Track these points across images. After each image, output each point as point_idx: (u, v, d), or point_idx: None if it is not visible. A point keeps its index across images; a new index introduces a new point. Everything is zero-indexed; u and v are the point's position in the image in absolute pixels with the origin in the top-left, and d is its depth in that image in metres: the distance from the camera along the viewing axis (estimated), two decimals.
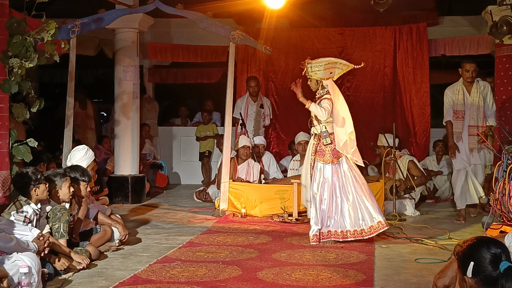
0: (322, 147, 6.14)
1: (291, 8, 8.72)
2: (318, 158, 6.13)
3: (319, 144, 6.15)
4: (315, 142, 6.20)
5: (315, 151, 6.16)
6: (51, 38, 6.00)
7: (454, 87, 7.47)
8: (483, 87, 7.34)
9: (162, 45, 11.11)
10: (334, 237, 5.99)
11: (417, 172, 8.42)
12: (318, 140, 6.17)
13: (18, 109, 6.01)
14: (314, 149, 6.18)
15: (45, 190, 4.90)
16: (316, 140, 6.18)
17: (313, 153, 6.18)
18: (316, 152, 6.15)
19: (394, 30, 10.12)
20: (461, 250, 2.41)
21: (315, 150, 6.16)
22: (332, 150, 6.11)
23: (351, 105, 10.14)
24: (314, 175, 6.13)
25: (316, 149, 6.16)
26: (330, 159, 6.11)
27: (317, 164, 6.13)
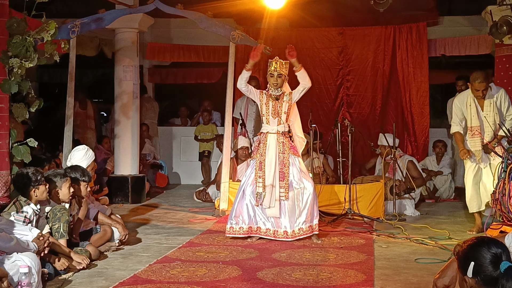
0: (292, 144, 6.34)
1: (291, 8, 8.72)
2: (292, 153, 6.27)
3: (288, 141, 6.30)
4: (282, 140, 6.26)
5: (288, 148, 6.26)
6: (51, 38, 6.00)
7: (465, 99, 6.74)
8: (497, 98, 6.60)
9: (161, 45, 11.11)
10: None
11: (416, 174, 8.42)
12: (285, 137, 6.28)
13: (18, 109, 6.01)
14: (287, 146, 6.26)
15: (44, 191, 4.90)
16: (283, 138, 6.27)
17: (284, 150, 6.23)
18: (290, 148, 6.27)
19: (393, 30, 10.12)
20: (461, 250, 2.41)
21: (289, 147, 6.27)
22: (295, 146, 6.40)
23: (351, 105, 10.25)
24: (298, 172, 6.23)
25: (289, 146, 6.27)
26: (298, 154, 6.39)
27: (295, 160, 6.27)
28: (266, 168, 6.22)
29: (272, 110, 6.32)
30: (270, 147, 6.27)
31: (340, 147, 8.20)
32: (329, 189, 7.71)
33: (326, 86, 10.28)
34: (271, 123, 6.33)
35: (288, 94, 6.38)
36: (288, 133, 6.37)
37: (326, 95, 10.29)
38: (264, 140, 6.32)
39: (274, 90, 6.35)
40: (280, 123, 6.30)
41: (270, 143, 6.28)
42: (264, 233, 6.21)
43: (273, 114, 6.32)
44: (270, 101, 6.34)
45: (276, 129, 6.29)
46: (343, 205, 7.44)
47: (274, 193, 6.19)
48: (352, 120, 9.64)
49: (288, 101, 6.34)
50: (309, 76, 10.21)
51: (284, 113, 6.31)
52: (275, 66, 6.30)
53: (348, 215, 7.34)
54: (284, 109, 6.31)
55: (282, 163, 6.22)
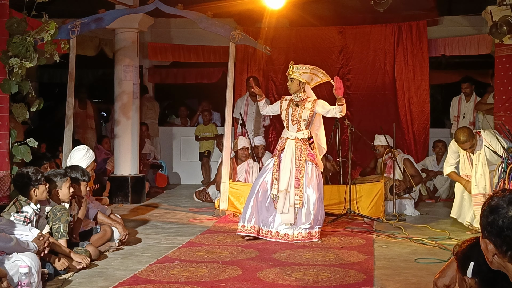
0: (311, 151, 6.26)
1: (291, 8, 8.72)
2: (309, 160, 6.22)
3: (307, 148, 6.23)
4: (300, 146, 6.22)
5: (306, 155, 6.21)
6: (51, 38, 6.01)
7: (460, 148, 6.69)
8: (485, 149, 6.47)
9: (162, 45, 11.11)
10: None
11: (413, 171, 8.40)
12: (303, 144, 6.23)
13: (18, 109, 6.01)
14: (305, 153, 6.21)
15: (44, 191, 4.89)
16: (301, 144, 6.23)
17: (300, 157, 6.19)
18: (307, 155, 6.21)
19: (393, 28, 10.11)
20: (460, 250, 2.40)
21: (306, 153, 6.21)
22: (315, 154, 6.32)
23: (351, 103, 10.24)
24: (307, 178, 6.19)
25: (306, 153, 6.21)
26: (317, 162, 6.31)
27: (312, 167, 6.22)
28: (281, 173, 6.19)
29: (292, 116, 6.28)
30: (287, 153, 6.22)
31: (340, 147, 8.19)
32: (329, 189, 7.70)
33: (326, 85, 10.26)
34: (291, 129, 6.30)
35: (312, 101, 6.30)
36: (308, 140, 6.28)
37: (326, 94, 10.26)
38: (283, 144, 6.29)
39: (294, 95, 6.33)
40: (300, 129, 6.25)
41: (288, 149, 6.23)
42: (265, 235, 6.21)
43: (293, 121, 6.28)
44: (290, 107, 6.31)
45: (295, 136, 6.25)
46: (343, 205, 7.44)
47: (288, 199, 6.13)
48: (352, 119, 9.64)
49: (310, 109, 6.26)
50: None
51: (303, 120, 6.24)
52: (288, 71, 6.31)
53: (348, 215, 7.34)
54: (304, 116, 6.24)
55: (297, 169, 6.18)
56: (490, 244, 2.05)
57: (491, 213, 2.04)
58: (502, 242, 2.00)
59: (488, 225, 2.04)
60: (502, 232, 1.99)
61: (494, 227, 2.02)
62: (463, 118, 9.74)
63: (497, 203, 2.03)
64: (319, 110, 6.29)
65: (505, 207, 2.01)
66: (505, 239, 1.99)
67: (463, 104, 9.76)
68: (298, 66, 6.30)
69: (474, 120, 9.65)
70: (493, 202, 2.05)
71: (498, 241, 2.01)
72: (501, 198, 2.04)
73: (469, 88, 9.76)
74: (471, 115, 9.66)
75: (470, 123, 9.64)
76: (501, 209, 2.01)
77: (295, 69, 6.28)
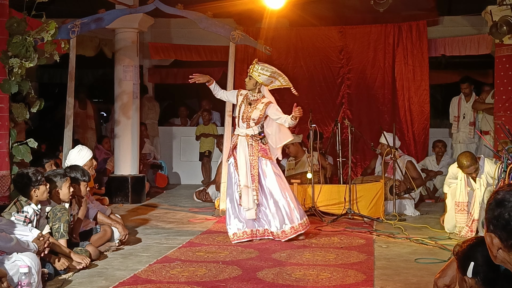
0: (263, 146, 6.27)
1: (291, 8, 8.72)
2: (262, 156, 6.22)
3: (258, 143, 6.24)
4: (251, 142, 6.21)
5: (258, 150, 6.21)
6: (51, 38, 6.00)
7: (458, 172, 6.55)
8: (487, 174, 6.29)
9: (162, 45, 11.11)
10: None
11: (415, 174, 8.40)
12: (254, 140, 6.23)
13: (18, 109, 6.01)
14: (256, 148, 6.21)
15: (45, 191, 4.89)
16: (252, 140, 6.22)
17: (252, 153, 6.19)
18: (259, 151, 6.22)
19: (394, 28, 10.11)
20: (460, 250, 2.40)
21: (258, 149, 6.22)
22: (267, 149, 6.31)
23: (351, 103, 10.24)
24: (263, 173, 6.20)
25: (258, 148, 6.22)
26: (270, 156, 6.29)
27: (266, 162, 6.23)
28: (240, 170, 6.18)
29: (243, 114, 6.28)
30: (240, 150, 6.22)
31: (340, 147, 8.20)
32: (329, 189, 7.71)
33: (326, 85, 10.27)
34: (241, 126, 6.29)
35: (265, 103, 6.27)
36: (259, 135, 6.29)
37: (326, 94, 10.29)
38: (235, 142, 6.30)
39: (249, 92, 6.34)
40: (249, 126, 6.25)
41: (240, 146, 6.24)
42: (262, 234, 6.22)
43: (243, 119, 6.27)
44: (243, 104, 6.31)
45: (245, 132, 6.25)
46: (343, 205, 7.44)
47: (250, 194, 6.14)
48: (352, 119, 9.64)
49: (261, 110, 6.24)
50: (309, 75, 10.31)
51: (253, 119, 6.24)
52: (252, 67, 6.29)
53: (348, 215, 7.35)
54: (253, 116, 6.23)
55: (251, 165, 6.18)
56: (496, 238, 2.02)
57: (498, 206, 2.01)
58: (508, 235, 1.98)
59: (494, 219, 2.01)
60: (508, 225, 1.97)
61: (500, 220, 1.99)
62: (463, 118, 9.74)
63: (504, 196, 2.01)
64: (269, 114, 6.27)
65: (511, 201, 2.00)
66: (511, 232, 1.97)
67: (463, 104, 9.76)
68: (260, 66, 6.29)
69: (474, 120, 9.65)
70: (499, 196, 2.03)
71: (504, 235, 1.99)
72: (507, 192, 2.02)
73: (468, 88, 9.76)
74: (471, 115, 9.66)
75: (470, 123, 9.64)
76: (508, 203, 1.99)
77: (256, 67, 6.27)
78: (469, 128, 9.64)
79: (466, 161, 6.33)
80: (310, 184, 7.54)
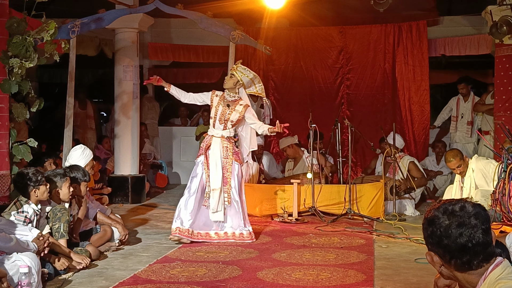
0: (236, 149, 6.23)
1: (291, 8, 8.72)
2: (235, 159, 6.16)
3: (233, 146, 6.20)
4: (226, 144, 6.15)
5: (232, 153, 6.15)
6: (51, 38, 6.00)
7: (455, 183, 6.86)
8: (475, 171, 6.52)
9: (162, 45, 11.11)
10: None
11: (418, 174, 8.40)
12: (229, 142, 6.17)
13: (18, 109, 6.01)
14: (231, 151, 6.15)
15: (45, 191, 4.88)
16: (227, 142, 6.16)
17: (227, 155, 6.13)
18: (233, 154, 6.16)
19: (393, 28, 10.11)
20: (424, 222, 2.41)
21: (232, 152, 6.16)
22: (239, 152, 6.30)
23: (351, 103, 10.25)
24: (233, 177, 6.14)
25: (232, 151, 6.16)
26: (241, 160, 6.29)
27: (238, 166, 6.19)
28: (211, 172, 6.11)
29: (221, 115, 6.17)
30: (214, 151, 6.13)
31: (340, 147, 8.19)
32: (329, 189, 7.71)
33: (326, 85, 10.28)
34: (217, 127, 6.19)
35: (244, 105, 6.22)
36: (234, 137, 6.26)
37: (326, 94, 10.30)
38: (208, 142, 6.19)
39: (228, 93, 6.22)
40: (226, 128, 6.18)
41: (214, 147, 6.15)
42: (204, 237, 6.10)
43: (220, 120, 6.17)
44: (220, 106, 6.19)
45: (221, 134, 6.17)
46: (343, 205, 7.44)
47: (221, 197, 6.08)
48: (352, 119, 9.64)
49: (240, 112, 6.18)
50: (309, 75, 10.31)
51: (231, 121, 6.17)
52: (235, 67, 6.24)
53: (348, 215, 7.35)
54: (232, 117, 6.16)
55: (225, 168, 6.11)
56: (435, 255, 2.11)
57: (429, 225, 2.11)
58: (444, 251, 2.06)
59: (429, 237, 2.11)
60: (441, 241, 2.06)
61: (434, 238, 2.08)
62: (461, 118, 9.75)
63: (433, 214, 2.11)
64: (247, 117, 6.24)
65: (441, 217, 2.08)
66: (445, 248, 2.05)
67: (462, 104, 9.77)
68: (243, 68, 6.28)
69: (472, 120, 9.65)
70: (429, 215, 2.12)
71: (441, 251, 2.07)
72: (436, 209, 2.11)
73: (465, 88, 9.78)
74: (469, 115, 9.67)
75: (468, 122, 9.65)
76: (437, 220, 2.08)
77: (240, 68, 6.23)
78: (467, 127, 9.65)
79: (449, 156, 6.65)
80: (310, 184, 7.54)
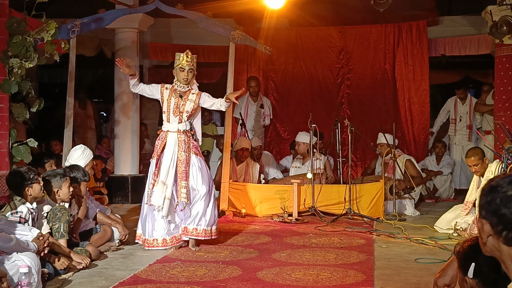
0: (194, 142, 5.97)
1: (291, 8, 8.72)
2: (194, 153, 5.90)
3: (190, 139, 5.93)
4: (184, 138, 5.87)
5: (188, 147, 5.87)
6: (51, 38, 6.00)
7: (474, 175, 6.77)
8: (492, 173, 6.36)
9: (162, 45, 11.11)
10: None
11: (415, 172, 8.41)
12: (187, 136, 5.89)
13: (18, 109, 6.01)
14: (187, 144, 5.88)
15: (39, 189, 4.86)
16: (185, 136, 5.88)
17: (186, 149, 5.85)
18: (192, 148, 5.90)
19: (394, 28, 10.11)
20: (461, 251, 2.40)
21: (188, 145, 5.88)
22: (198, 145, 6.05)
23: (351, 103, 10.24)
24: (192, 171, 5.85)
25: (189, 145, 5.89)
26: (201, 154, 6.04)
27: (199, 160, 5.92)
28: (162, 166, 5.82)
29: (174, 107, 5.91)
30: (168, 146, 5.85)
31: (340, 147, 8.20)
32: (329, 189, 7.71)
33: (326, 85, 10.28)
34: (172, 121, 5.91)
35: (196, 94, 5.99)
36: (190, 131, 5.98)
37: (326, 94, 10.29)
38: (164, 139, 5.91)
39: (180, 86, 5.96)
40: (182, 121, 5.90)
41: (169, 142, 5.87)
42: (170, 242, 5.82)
43: (174, 112, 5.91)
44: (172, 98, 5.93)
45: (177, 128, 5.89)
46: (343, 205, 7.44)
47: (165, 192, 5.76)
48: (352, 119, 9.64)
49: (194, 101, 5.94)
50: (309, 75, 10.31)
51: (186, 112, 5.91)
52: (187, 60, 5.90)
53: (348, 215, 7.35)
54: (187, 108, 5.91)
55: (185, 161, 5.81)
56: (487, 223, 2.03)
57: (490, 191, 2.03)
58: (498, 221, 1.99)
59: (486, 204, 2.03)
60: (499, 210, 1.98)
61: (492, 205, 2.01)
62: (459, 121, 9.75)
63: (498, 182, 2.03)
64: (204, 103, 6.00)
65: (505, 186, 2.00)
66: (501, 218, 1.98)
67: (459, 106, 9.79)
68: (194, 56, 5.99)
69: (470, 124, 9.65)
70: (493, 182, 2.05)
71: (495, 220, 2.00)
72: (502, 179, 2.04)
73: (463, 93, 9.81)
74: (467, 119, 9.67)
75: (467, 126, 9.66)
76: (501, 188, 2.01)
77: (194, 60, 5.97)
78: (466, 131, 9.65)
79: (470, 152, 6.59)
80: (310, 184, 7.54)
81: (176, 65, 5.95)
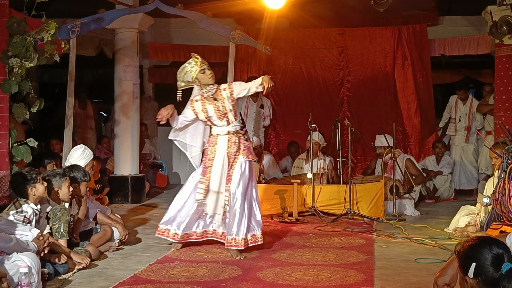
0: (245, 143, 5.68)
1: (291, 8, 8.72)
2: (244, 155, 5.62)
3: (241, 140, 5.64)
4: (235, 139, 5.59)
5: (242, 149, 5.61)
6: (51, 38, 6.00)
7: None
8: None
9: (162, 45, 11.11)
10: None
11: (415, 171, 8.42)
12: (237, 137, 5.62)
13: (18, 109, 6.01)
14: (236, 147, 5.59)
15: (43, 189, 4.86)
16: (235, 137, 5.61)
17: (235, 152, 5.59)
18: (243, 150, 5.62)
19: (394, 31, 10.11)
20: (462, 250, 2.40)
21: (242, 147, 5.61)
22: (250, 146, 5.77)
23: (351, 105, 10.24)
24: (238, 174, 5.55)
25: (239, 147, 5.61)
26: (253, 155, 5.76)
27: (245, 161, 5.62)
28: (212, 174, 5.57)
29: (215, 112, 5.61)
30: (219, 151, 5.60)
31: (340, 147, 8.20)
32: (329, 189, 7.71)
33: (326, 86, 10.27)
34: (220, 125, 5.63)
35: (226, 88, 5.65)
36: (241, 130, 5.68)
37: (326, 94, 10.28)
38: (214, 143, 5.65)
39: (207, 90, 5.65)
40: (229, 122, 5.62)
41: (220, 147, 5.60)
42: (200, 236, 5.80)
43: (219, 117, 5.61)
44: (207, 104, 5.63)
45: (227, 130, 5.61)
46: (343, 205, 7.44)
47: (219, 201, 5.60)
48: (353, 120, 9.63)
49: (230, 97, 5.62)
50: (309, 76, 10.30)
51: (230, 111, 5.60)
52: (200, 61, 5.62)
53: (348, 215, 7.35)
54: (228, 106, 5.61)
55: (230, 164, 5.57)
56: None
57: None
58: None
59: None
60: None
61: None
62: (459, 121, 9.75)
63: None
64: (239, 92, 5.65)
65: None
66: None
67: (460, 106, 9.78)
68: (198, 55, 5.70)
69: (469, 125, 9.64)
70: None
71: None
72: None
73: (464, 94, 9.80)
74: (466, 120, 9.66)
75: (466, 127, 9.65)
76: None
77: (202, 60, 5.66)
78: (465, 132, 9.65)
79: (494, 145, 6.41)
80: (310, 184, 7.54)
81: (194, 73, 5.62)
